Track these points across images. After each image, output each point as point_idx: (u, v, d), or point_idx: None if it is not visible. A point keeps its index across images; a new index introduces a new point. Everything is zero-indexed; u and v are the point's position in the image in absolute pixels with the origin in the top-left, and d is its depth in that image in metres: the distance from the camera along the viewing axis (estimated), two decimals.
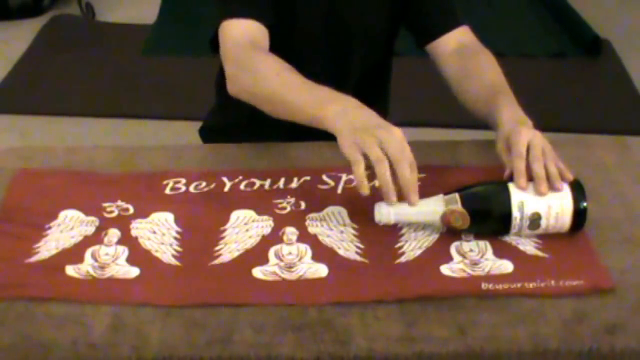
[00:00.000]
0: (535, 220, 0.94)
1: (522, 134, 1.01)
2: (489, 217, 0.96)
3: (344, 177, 1.10)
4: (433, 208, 0.95)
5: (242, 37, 1.13)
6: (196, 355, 0.81)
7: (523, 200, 0.94)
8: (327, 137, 1.21)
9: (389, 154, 0.90)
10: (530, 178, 0.96)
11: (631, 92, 2.92)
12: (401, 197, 0.93)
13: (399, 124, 1.15)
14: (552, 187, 0.94)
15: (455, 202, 0.95)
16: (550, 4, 3.57)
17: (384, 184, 0.90)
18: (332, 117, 0.96)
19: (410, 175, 0.91)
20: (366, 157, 0.91)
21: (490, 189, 0.97)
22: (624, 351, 0.82)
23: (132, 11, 3.57)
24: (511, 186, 0.95)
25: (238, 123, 1.37)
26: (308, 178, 1.10)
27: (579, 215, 0.95)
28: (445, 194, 0.96)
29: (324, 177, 1.10)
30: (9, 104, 2.83)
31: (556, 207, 0.94)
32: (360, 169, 0.91)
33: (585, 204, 0.95)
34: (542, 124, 1.15)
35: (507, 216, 0.94)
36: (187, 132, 1.59)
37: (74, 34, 3.39)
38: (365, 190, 0.92)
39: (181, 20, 3.36)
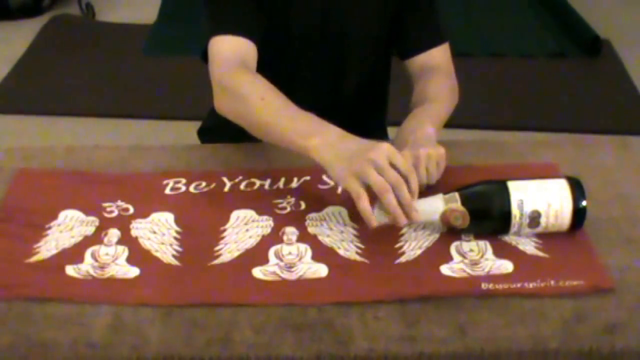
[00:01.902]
0: (534, 218, 0.94)
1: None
2: (488, 216, 0.96)
3: None
4: (432, 207, 0.95)
5: (230, 55, 1.13)
6: (196, 355, 0.81)
7: (522, 199, 0.94)
8: None
9: (389, 181, 0.90)
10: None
11: (631, 92, 2.92)
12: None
13: (397, 124, 1.16)
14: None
15: (454, 201, 0.95)
16: (550, 4, 3.57)
17: (394, 212, 0.91)
18: (318, 150, 0.95)
19: (410, 196, 0.91)
20: (366, 186, 0.91)
21: (489, 188, 0.97)
22: (624, 351, 0.82)
23: (132, 11, 3.57)
24: (510, 185, 0.95)
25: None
26: (308, 178, 1.10)
27: (579, 214, 0.95)
28: (445, 193, 0.97)
29: (324, 177, 1.10)
30: (9, 104, 2.83)
31: (556, 206, 0.94)
32: (365, 203, 0.91)
33: (584, 203, 0.95)
34: (542, 124, 1.14)
35: (506, 214, 0.94)
36: (187, 132, 1.59)
37: (74, 34, 3.39)
38: (373, 224, 0.93)
39: (181, 20, 3.36)
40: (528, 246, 0.96)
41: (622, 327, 0.84)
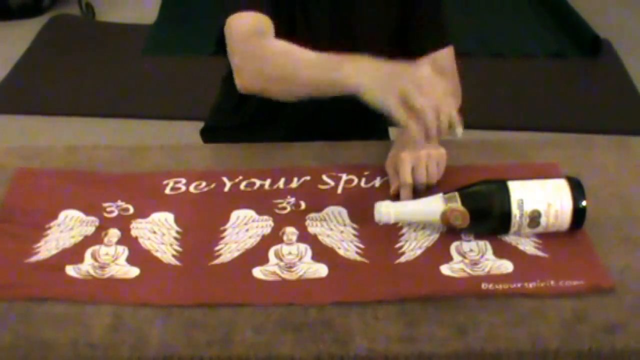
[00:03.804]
0: (534, 218, 0.94)
1: (404, 162, 1.02)
2: (488, 216, 0.96)
3: (344, 177, 1.10)
4: (433, 207, 0.95)
5: (249, 28, 1.13)
6: (196, 355, 0.81)
7: (522, 199, 0.94)
8: (327, 137, 1.21)
9: (431, 97, 0.89)
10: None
11: (631, 92, 2.92)
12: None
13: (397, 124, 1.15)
14: None
15: (455, 201, 0.95)
16: (550, 4, 3.57)
17: (432, 131, 0.90)
18: (353, 75, 0.95)
19: (447, 118, 0.90)
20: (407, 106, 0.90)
21: (489, 188, 0.97)
22: (624, 351, 0.82)
23: (132, 11, 3.57)
24: (510, 184, 0.95)
25: (239, 123, 1.37)
26: (308, 178, 1.10)
27: (579, 214, 0.95)
28: (445, 192, 0.96)
29: (324, 177, 1.10)
30: (9, 104, 2.83)
31: (556, 205, 0.94)
32: (415, 125, 0.89)
33: (584, 203, 0.95)
34: (543, 124, 1.15)
35: (506, 214, 0.94)
36: (187, 132, 1.59)
37: (74, 34, 3.39)
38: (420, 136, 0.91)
39: (181, 20, 3.36)
40: (528, 246, 0.96)
41: (622, 327, 0.84)
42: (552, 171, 1.11)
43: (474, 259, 0.94)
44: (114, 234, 0.99)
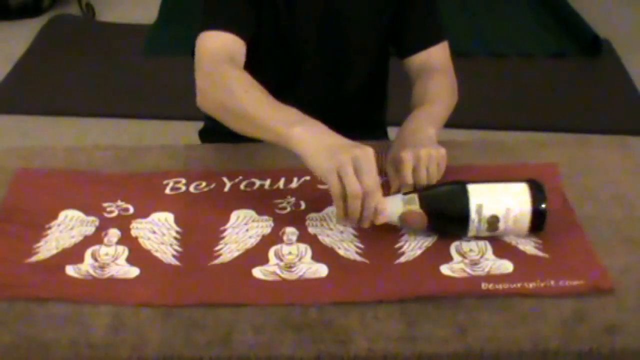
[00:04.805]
0: (493, 223, 0.94)
1: (404, 162, 1.02)
2: (447, 219, 0.96)
3: None
4: (392, 208, 0.94)
5: (220, 50, 1.13)
6: (196, 355, 0.81)
7: (481, 204, 0.93)
8: None
9: (364, 183, 0.89)
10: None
11: (631, 92, 2.92)
12: None
13: (397, 124, 1.16)
14: None
15: (413, 203, 0.94)
16: (550, 4, 3.57)
17: (353, 216, 0.91)
18: (300, 138, 0.94)
19: (373, 208, 0.91)
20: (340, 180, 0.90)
21: (448, 191, 0.97)
22: (624, 351, 0.82)
23: (132, 11, 3.57)
24: (470, 188, 0.95)
25: None
26: (308, 178, 1.10)
27: (538, 217, 0.94)
28: (405, 193, 0.96)
29: None
30: (9, 104, 2.83)
31: (515, 211, 0.93)
32: (341, 202, 0.91)
33: (544, 206, 0.94)
34: (543, 124, 1.15)
35: (465, 218, 0.94)
36: (187, 132, 1.59)
37: (74, 34, 3.39)
38: (339, 223, 0.94)
39: (181, 20, 3.35)
40: (528, 246, 0.96)
41: (622, 327, 0.84)
42: (552, 171, 1.11)
43: (474, 259, 0.94)
44: (114, 234, 0.99)
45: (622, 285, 0.90)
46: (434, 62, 1.27)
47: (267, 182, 1.09)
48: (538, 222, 0.95)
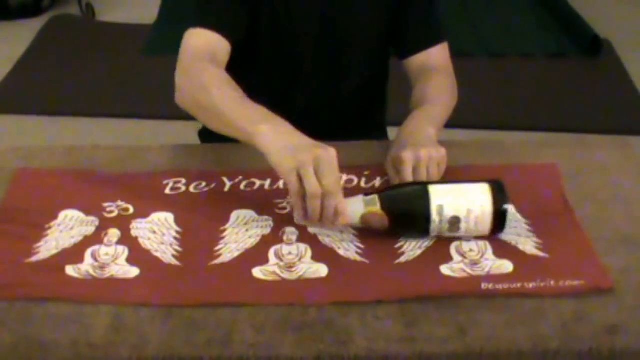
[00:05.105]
0: (454, 224, 0.93)
1: (405, 162, 1.02)
2: (407, 220, 0.96)
3: (344, 177, 1.10)
4: (353, 209, 0.94)
5: (202, 48, 1.14)
6: (196, 355, 0.81)
7: (442, 204, 0.93)
8: (326, 137, 1.21)
9: (324, 184, 0.88)
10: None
11: (631, 92, 2.92)
12: None
13: (397, 124, 1.16)
14: None
15: (374, 204, 0.94)
16: (550, 4, 3.57)
17: (312, 216, 0.91)
18: (264, 136, 0.94)
19: (333, 209, 0.90)
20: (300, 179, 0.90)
21: (410, 192, 0.97)
22: (624, 351, 0.82)
23: (132, 11, 3.58)
24: (431, 189, 0.94)
25: None
26: None
27: (499, 218, 0.94)
28: (366, 194, 0.96)
29: None
30: (9, 104, 2.83)
31: (476, 211, 0.93)
32: (301, 201, 0.91)
33: (505, 207, 0.94)
34: (543, 124, 1.15)
35: (426, 220, 0.94)
36: (187, 132, 1.59)
37: (74, 34, 3.39)
38: (297, 221, 0.94)
39: (181, 20, 3.35)
40: (528, 246, 0.96)
41: (622, 327, 0.84)
42: (552, 171, 1.12)
43: (474, 259, 0.94)
44: (114, 234, 0.99)
45: (622, 285, 0.90)
46: (434, 62, 1.27)
47: (267, 182, 1.09)
48: (500, 223, 0.94)
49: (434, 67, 1.27)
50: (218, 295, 0.89)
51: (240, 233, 0.99)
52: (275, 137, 0.94)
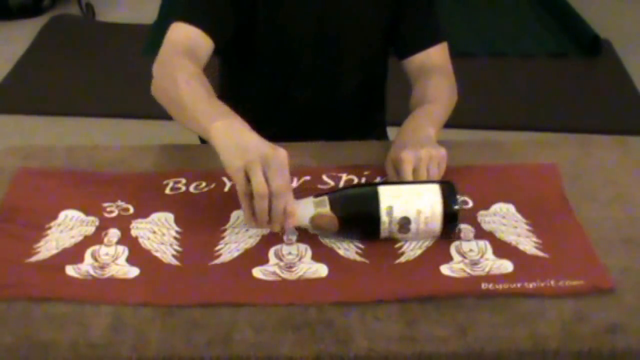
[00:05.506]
0: (404, 225, 0.93)
1: (405, 162, 1.01)
2: (357, 222, 0.95)
3: (344, 177, 1.10)
4: (303, 211, 0.94)
5: (181, 41, 1.14)
6: (196, 355, 0.81)
7: (392, 205, 0.93)
8: (326, 137, 1.21)
9: (272, 185, 0.88)
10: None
11: (631, 92, 2.92)
12: None
13: (397, 124, 1.16)
14: None
15: (324, 205, 0.94)
16: (550, 4, 3.57)
17: (260, 218, 0.90)
18: (217, 132, 0.94)
19: (282, 210, 0.90)
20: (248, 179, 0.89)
21: (359, 193, 0.97)
22: (624, 351, 0.82)
23: (132, 11, 3.58)
24: (381, 190, 0.94)
25: None
26: (308, 178, 1.10)
27: (450, 219, 0.94)
28: (316, 196, 0.96)
29: (324, 177, 1.10)
30: (9, 104, 2.83)
31: (426, 212, 0.93)
32: (247, 202, 0.90)
33: (456, 207, 0.94)
34: (543, 124, 1.15)
35: (375, 221, 0.93)
36: (187, 132, 1.59)
37: (74, 34, 3.39)
38: (248, 225, 0.93)
39: None
40: (528, 246, 0.96)
41: (622, 327, 0.84)
42: (551, 171, 1.12)
43: (474, 259, 0.94)
44: (114, 234, 0.99)
45: (622, 285, 0.90)
46: (433, 62, 1.27)
47: None
48: (450, 224, 0.94)
49: (434, 66, 1.27)
50: (218, 295, 0.89)
51: (240, 233, 0.99)
52: (226, 135, 0.93)
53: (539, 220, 1.01)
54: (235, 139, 0.92)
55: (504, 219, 1.02)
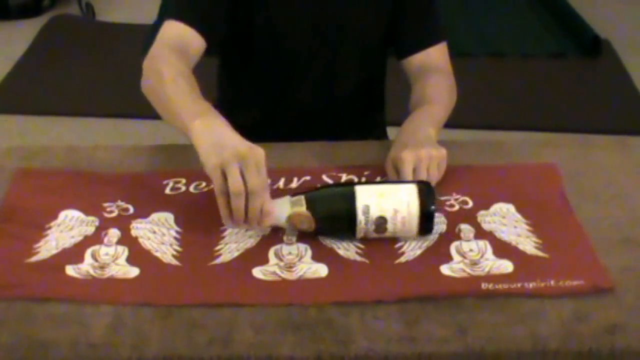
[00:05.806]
0: (380, 224, 0.93)
1: (405, 162, 1.02)
2: (334, 221, 0.95)
3: (344, 177, 1.10)
4: (280, 210, 0.94)
5: (172, 38, 1.14)
6: (196, 355, 0.81)
7: (368, 205, 0.93)
8: (326, 137, 1.21)
9: (248, 183, 0.88)
10: None
11: (631, 92, 2.92)
12: None
13: (397, 124, 1.16)
14: None
15: (300, 205, 0.94)
16: (550, 4, 3.57)
17: (237, 216, 0.90)
18: (197, 130, 0.94)
19: (258, 209, 0.90)
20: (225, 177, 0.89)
21: (336, 193, 0.97)
22: (624, 351, 0.82)
23: (132, 11, 3.57)
24: (358, 190, 0.94)
25: (236, 124, 1.37)
26: (308, 178, 1.10)
27: (426, 219, 0.94)
28: (293, 195, 0.96)
29: (324, 177, 1.10)
30: (9, 104, 2.83)
31: (403, 212, 0.93)
32: (224, 201, 0.90)
33: (432, 207, 0.94)
34: (543, 124, 1.15)
35: (352, 220, 0.93)
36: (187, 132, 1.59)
37: (74, 34, 3.39)
38: (226, 224, 0.93)
39: None
40: (528, 246, 0.96)
41: (622, 327, 0.84)
42: (551, 171, 1.12)
43: (474, 259, 0.94)
44: (114, 234, 0.99)
45: (622, 285, 0.90)
46: (433, 62, 1.27)
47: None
48: (427, 224, 0.94)
49: (433, 66, 1.27)
50: (218, 295, 0.89)
51: (240, 233, 0.99)
52: (205, 133, 0.93)
53: (539, 220, 1.01)
54: (213, 137, 0.92)
55: (504, 219, 1.02)
